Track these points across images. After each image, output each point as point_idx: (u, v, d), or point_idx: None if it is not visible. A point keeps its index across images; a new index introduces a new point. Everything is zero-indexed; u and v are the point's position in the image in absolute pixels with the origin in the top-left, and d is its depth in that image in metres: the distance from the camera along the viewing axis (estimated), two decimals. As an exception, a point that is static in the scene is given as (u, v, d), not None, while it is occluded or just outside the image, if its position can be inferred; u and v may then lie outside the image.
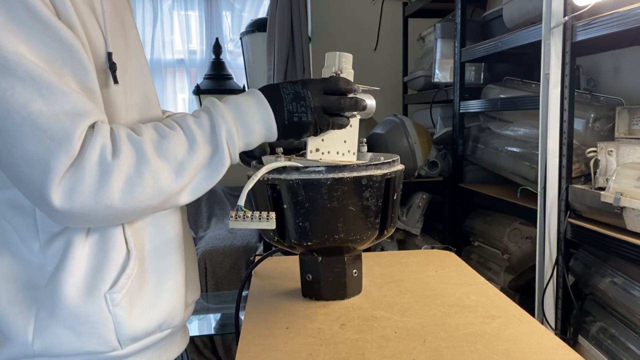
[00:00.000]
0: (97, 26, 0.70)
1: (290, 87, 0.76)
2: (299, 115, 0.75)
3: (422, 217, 2.36)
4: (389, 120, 2.30)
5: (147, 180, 0.66)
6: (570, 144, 1.42)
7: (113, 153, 0.64)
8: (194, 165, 0.70)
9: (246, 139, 0.74)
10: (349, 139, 0.89)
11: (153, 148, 0.67)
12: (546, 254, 1.48)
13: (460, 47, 2.11)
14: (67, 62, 0.63)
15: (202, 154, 0.70)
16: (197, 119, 0.72)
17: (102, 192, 0.63)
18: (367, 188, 0.82)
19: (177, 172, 0.68)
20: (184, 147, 0.69)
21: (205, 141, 0.71)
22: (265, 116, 0.75)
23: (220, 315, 2.26)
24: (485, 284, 1.02)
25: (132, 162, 0.65)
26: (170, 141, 0.69)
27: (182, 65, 3.42)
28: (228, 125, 0.72)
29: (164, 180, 0.67)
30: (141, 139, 0.67)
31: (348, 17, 3.14)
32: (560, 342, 0.77)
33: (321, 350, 0.75)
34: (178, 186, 0.69)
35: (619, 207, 1.21)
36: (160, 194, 0.67)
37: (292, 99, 0.75)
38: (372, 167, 0.83)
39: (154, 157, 0.67)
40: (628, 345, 1.29)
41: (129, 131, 0.68)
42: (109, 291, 0.71)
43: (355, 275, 0.95)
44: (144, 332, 0.75)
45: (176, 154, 0.69)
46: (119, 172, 0.64)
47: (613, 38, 1.34)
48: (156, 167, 0.67)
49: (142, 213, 0.69)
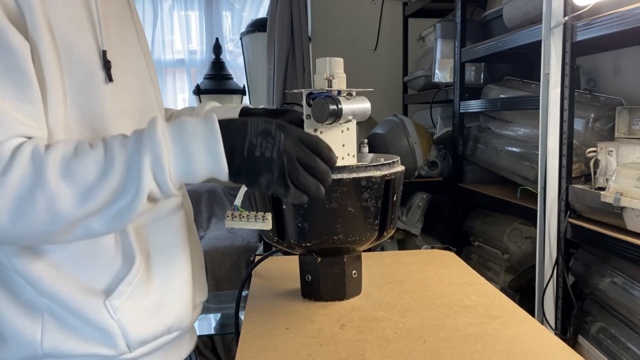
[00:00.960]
0: (89, 25, 0.68)
1: (261, 123, 0.65)
2: (262, 150, 0.63)
3: (422, 217, 2.36)
4: (389, 120, 2.30)
5: (40, 203, 0.59)
6: (570, 144, 1.42)
7: (2, 171, 0.58)
8: (106, 191, 0.60)
9: (183, 166, 0.62)
10: (347, 142, 0.89)
11: (58, 168, 0.60)
12: (546, 254, 1.48)
13: (460, 47, 2.11)
14: (9, 71, 0.60)
15: (118, 178, 0.60)
16: (125, 138, 0.63)
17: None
18: (367, 189, 0.82)
19: (82, 197, 0.60)
20: (97, 169, 0.60)
21: (124, 164, 0.61)
22: (211, 141, 0.62)
23: (220, 315, 2.26)
24: (485, 284, 1.02)
25: (26, 181, 0.59)
26: (82, 161, 0.61)
27: (182, 65, 3.42)
28: (158, 147, 0.61)
29: (63, 205, 0.59)
30: (46, 156, 0.60)
31: (348, 17, 3.14)
32: (560, 342, 0.77)
33: (321, 350, 0.75)
34: (83, 213, 0.60)
35: (619, 207, 1.21)
36: (58, 219, 0.60)
37: (259, 133, 0.64)
38: (371, 168, 0.83)
39: (55, 179, 0.59)
40: (628, 345, 1.29)
41: (36, 147, 0.61)
42: (107, 299, 0.70)
43: (354, 276, 0.95)
44: (152, 336, 0.75)
45: (85, 177, 0.60)
46: (5, 192, 0.58)
47: (613, 38, 1.34)
48: (54, 189, 0.59)
49: (42, 237, 0.62)
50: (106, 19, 0.71)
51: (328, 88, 0.83)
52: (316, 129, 0.86)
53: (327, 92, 0.83)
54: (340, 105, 0.80)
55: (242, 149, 0.64)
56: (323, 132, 0.86)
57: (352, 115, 0.83)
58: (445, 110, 2.47)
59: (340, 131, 0.88)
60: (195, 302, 0.85)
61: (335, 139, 0.87)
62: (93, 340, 0.71)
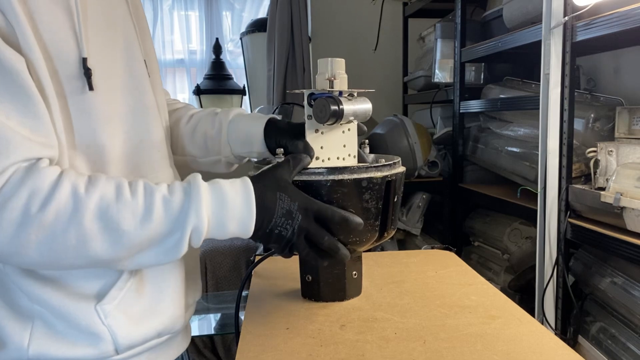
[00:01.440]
0: (70, 29, 0.66)
1: (286, 201, 0.72)
2: (279, 230, 0.72)
3: (422, 217, 2.36)
4: (389, 121, 2.30)
5: (70, 241, 0.62)
6: (570, 144, 1.42)
7: (41, 205, 0.61)
8: (138, 241, 0.65)
9: (215, 234, 0.69)
10: (348, 143, 0.89)
11: (96, 210, 0.63)
12: (546, 254, 1.48)
13: (460, 47, 2.11)
14: (9, 89, 0.60)
15: (153, 233, 0.65)
16: (168, 196, 0.67)
17: (16, 241, 0.60)
18: (367, 190, 0.81)
19: (113, 242, 0.64)
20: (134, 220, 0.64)
21: (163, 222, 0.65)
22: (246, 221, 0.70)
23: (220, 315, 2.26)
24: (485, 284, 1.02)
25: (62, 218, 0.61)
26: (121, 209, 0.64)
27: (182, 65, 3.42)
28: (200, 221, 0.66)
29: (93, 246, 0.63)
30: (86, 197, 0.63)
31: (348, 17, 3.14)
32: (560, 342, 0.77)
33: (321, 350, 0.75)
34: (112, 256, 0.65)
35: (619, 207, 1.21)
36: (85, 257, 0.64)
37: (284, 214, 0.71)
38: (372, 169, 0.82)
39: (91, 221, 0.62)
40: (628, 345, 1.29)
41: (77, 184, 0.63)
42: (99, 304, 0.70)
43: (355, 276, 0.94)
44: (142, 340, 0.75)
45: (120, 224, 0.64)
46: (39, 226, 0.60)
47: (613, 38, 1.34)
48: (88, 231, 0.62)
49: (68, 267, 0.66)
50: (89, 25, 0.69)
51: (329, 89, 0.83)
52: (317, 129, 0.86)
53: (328, 92, 0.83)
54: (341, 105, 0.80)
55: (266, 227, 0.72)
56: (324, 132, 0.86)
57: (354, 115, 0.83)
58: (445, 110, 2.47)
59: (341, 132, 0.88)
60: (188, 301, 0.85)
61: (336, 139, 0.87)
62: (80, 345, 0.70)
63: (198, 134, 0.95)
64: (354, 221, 0.77)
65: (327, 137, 0.86)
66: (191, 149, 0.96)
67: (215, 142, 0.94)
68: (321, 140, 0.86)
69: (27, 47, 0.62)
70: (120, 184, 0.66)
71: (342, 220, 0.76)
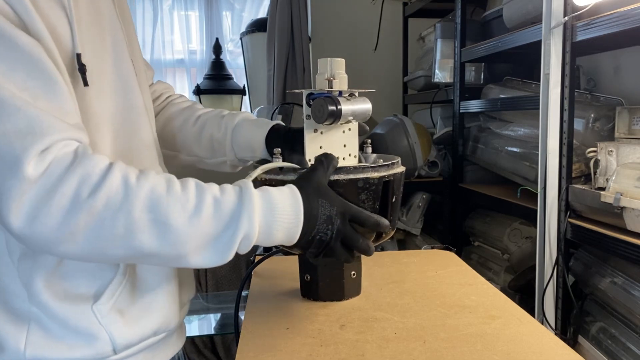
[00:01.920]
0: (68, 26, 0.66)
1: (327, 207, 0.72)
2: (320, 236, 0.72)
3: (422, 217, 2.35)
4: (389, 120, 2.30)
5: (118, 230, 0.61)
6: (570, 144, 1.42)
7: (92, 191, 0.60)
8: (186, 238, 0.64)
9: (261, 241, 0.69)
10: (348, 143, 0.89)
11: (146, 201, 0.62)
12: (546, 254, 1.48)
13: (460, 47, 2.11)
14: (31, 73, 0.60)
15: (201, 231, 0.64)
16: (219, 196, 0.66)
17: (65, 228, 0.59)
18: (364, 190, 0.81)
19: (160, 235, 0.63)
20: (184, 215, 0.63)
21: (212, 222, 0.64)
22: (292, 230, 0.70)
23: (220, 315, 2.26)
24: (485, 284, 1.02)
25: (112, 206, 0.60)
26: (171, 202, 0.63)
27: (182, 65, 3.42)
28: (251, 227, 0.66)
29: (139, 237, 0.62)
30: (137, 187, 0.62)
31: (348, 17, 3.14)
32: (560, 342, 0.77)
33: (321, 350, 0.75)
34: (157, 250, 0.63)
35: (619, 207, 1.21)
36: (131, 248, 0.62)
37: (325, 220, 0.72)
38: (369, 169, 0.82)
39: (141, 211, 0.61)
40: (628, 345, 1.29)
41: (128, 174, 0.63)
42: (95, 304, 0.70)
43: (353, 276, 0.94)
44: (139, 339, 0.75)
45: (169, 218, 0.63)
46: (89, 213, 0.59)
47: (613, 38, 1.34)
48: (137, 221, 0.61)
49: (116, 258, 0.65)
50: (80, 20, 0.69)
51: (329, 89, 0.83)
52: (316, 129, 0.85)
53: (327, 92, 0.83)
54: (339, 106, 0.80)
55: (309, 234, 0.72)
56: (324, 132, 0.86)
57: (352, 116, 0.83)
58: (445, 110, 2.47)
59: (341, 132, 0.88)
60: (182, 300, 0.85)
61: (336, 139, 0.87)
62: (78, 346, 0.70)
63: (205, 136, 0.96)
64: (384, 224, 0.78)
65: (326, 137, 0.86)
66: (198, 150, 0.97)
67: (221, 145, 0.96)
68: (320, 140, 0.86)
69: (40, 35, 0.62)
70: (170, 179, 0.66)
71: (375, 224, 0.76)
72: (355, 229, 0.75)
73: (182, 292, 0.85)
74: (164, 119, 1.00)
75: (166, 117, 1.00)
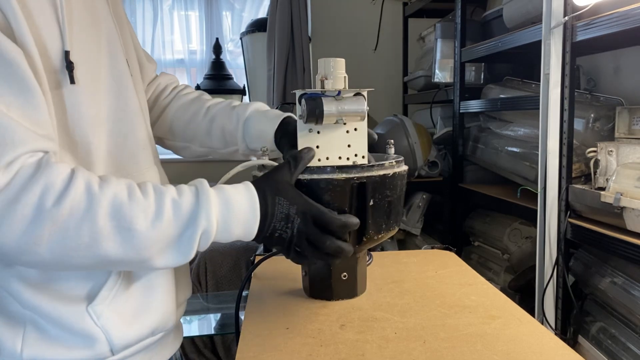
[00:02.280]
0: (56, 24, 0.66)
1: (284, 205, 0.72)
2: (280, 233, 0.73)
3: (422, 217, 2.36)
4: (389, 120, 2.30)
5: (83, 239, 0.61)
6: (570, 144, 1.42)
7: (56, 200, 0.60)
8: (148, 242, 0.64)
9: (220, 238, 0.70)
10: (354, 143, 0.86)
11: (109, 208, 0.62)
12: (546, 254, 1.48)
13: (460, 47, 2.11)
14: (8, 80, 0.59)
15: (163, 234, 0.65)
16: (177, 199, 0.67)
17: (28, 238, 0.59)
18: (327, 192, 0.78)
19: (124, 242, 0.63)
20: (146, 220, 0.64)
21: (173, 225, 0.65)
22: (249, 225, 0.71)
23: (220, 315, 2.26)
24: (485, 284, 1.02)
25: (76, 215, 0.60)
26: (134, 208, 0.64)
27: (182, 65, 3.42)
28: (209, 224, 0.67)
29: (104, 245, 0.62)
30: (100, 194, 0.62)
31: (348, 17, 3.14)
32: (560, 342, 0.77)
33: (321, 350, 0.75)
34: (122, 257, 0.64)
35: (619, 207, 1.21)
36: (96, 256, 0.63)
37: (282, 218, 0.72)
38: (336, 170, 0.79)
39: (105, 219, 0.62)
40: (628, 345, 1.29)
41: (91, 181, 0.63)
42: (90, 305, 0.70)
43: (344, 278, 0.93)
44: (136, 339, 0.75)
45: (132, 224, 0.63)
46: (53, 222, 0.59)
47: (613, 38, 1.34)
48: (101, 228, 0.62)
49: (79, 267, 0.65)
50: (74, 21, 0.69)
51: (321, 88, 0.83)
52: (311, 129, 0.85)
53: (320, 92, 0.82)
54: (322, 106, 0.79)
55: (267, 231, 0.73)
56: (321, 131, 0.85)
57: (340, 115, 0.82)
58: (445, 110, 2.47)
59: (344, 131, 0.87)
60: (178, 300, 0.85)
61: (337, 139, 0.86)
62: (75, 347, 0.70)
63: (216, 128, 0.97)
64: (352, 223, 0.76)
65: (324, 136, 0.85)
66: (209, 141, 0.98)
67: (232, 137, 0.97)
68: (317, 140, 0.85)
69: (23, 41, 0.61)
70: (131, 185, 0.66)
71: (342, 226, 0.75)
72: (323, 229, 0.74)
73: (179, 292, 0.85)
74: (173, 111, 1.00)
75: (175, 110, 1.00)
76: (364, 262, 0.97)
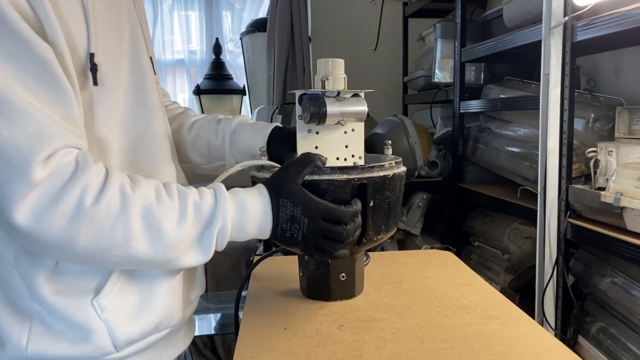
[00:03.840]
0: (84, 24, 0.67)
1: (288, 206, 0.74)
2: (290, 233, 0.75)
3: (422, 217, 2.35)
4: (389, 120, 2.30)
5: (117, 238, 0.64)
6: (570, 144, 1.42)
7: (95, 199, 0.62)
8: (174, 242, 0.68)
9: (236, 237, 0.74)
10: (352, 144, 0.87)
11: (141, 210, 0.65)
12: (546, 254, 1.48)
13: (460, 47, 2.10)
14: (41, 78, 0.61)
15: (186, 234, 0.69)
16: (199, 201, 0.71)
17: (66, 234, 0.62)
18: (328, 192, 0.78)
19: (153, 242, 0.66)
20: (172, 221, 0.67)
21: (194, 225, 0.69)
22: (263, 225, 0.74)
23: (220, 315, 2.26)
24: (484, 284, 1.02)
25: (112, 215, 0.63)
26: (162, 209, 0.67)
27: (182, 65, 3.42)
28: (225, 222, 0.71)
29: (135, 244, 0.65)
30: (133, 196, 0.65)
31: (348, 17, 3.14)
32: (558, 343, 0.77)
33: (319, 351, 0.75)
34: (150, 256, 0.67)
35: (619, 207, 1.21)
36: (127, 255, 0.66)
37: (288, 219, 0.74)
38: (337, 171, 0.79)
39: (137, 219, 0.65)
40: (628, 345, 1.29)
41: (124, 182, 0.66)
42: (95, 298, 0.71)
43: (343, 279, 0.93)
44: (140, 334, 0.74)
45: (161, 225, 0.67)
46: (91, 220, 0.62)
47: (613, 38, 1.33)
48: (133, 229, 0.65)
49: (109, 264, 0.68)
50: (98, 20, 0.70)
51: (321, 89, 0.83)
52: (310, 129, 0.85)
53: (320, 93, 0.82)
54: (324, 107, 0.79)
55: (276, 232, 0.75)
56: (320, 132, 0.85)
57: (342, 116, 0.82)
58: (445, 110, 2.46)
59: (342, 132, 0.87)
60: (190, 297, 0.85)
61: (335, 139, 0.86)
62: (78, 343, 0.70)
63: (201, 143, 0.98)
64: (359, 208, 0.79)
65: (323, 137, 0.85)
66: (194, 156, 0.99)
67: (219, 151, 0.97)
68: (316, 140, 0.85)
69: (55, 39, 0.63)
70: (158, 186, 0.69)
71: (353, 215, 0.77)
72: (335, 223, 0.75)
73: (190, 290, 0.85)
74: None
75: None
76: (362, 263, 0.97)
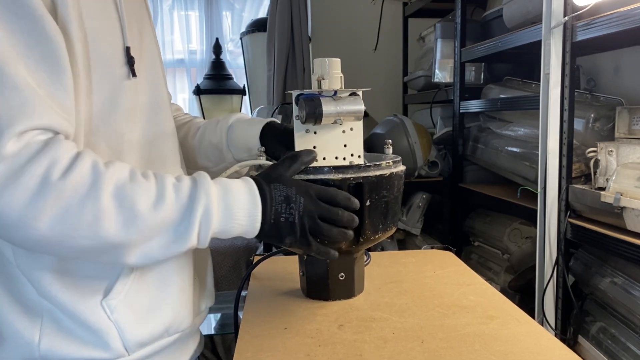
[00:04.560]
0: (117, 20, 0.69)
1: (281, 189, 0.71)
2: (286, 217, 0.71)
3: (422, 217, 2.35)
4: (389, 120, 2.30)
5: (86, 216, 0.60)
6: (570, 144, 1.42)
7: (62, 174, 0.59)
8: (151, 225, 0.63)
9: (224, 224, 0.68)
10: (350, 143, 0.87)
11: (113, 188, 0.62)
12: (546, 254, 1.48)
13: (460, 47, 2.10)
14: (45, 58, 0.61)
15: (165, 216, 0.64)
16: (177, 182, 0.67)
17: (29, 211, 0.58)
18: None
19: (126, 223, 0.62)
20: (148, 201, 0.63)
21: (174, 207, 0.65)
22: (252, 207, 0.69)
23: (220, 315, 2.26)
24: (484, 284, 1.02)
25: (80, 191, 0.60)
26: (136, 189, 0.63)
27: (182, 65, 3.42)
28: (209, 201, 0.66)
29: (106, 225, 0.61)
30: (106, 173, 0.62)
31: (348, 17, 3.14)
32: (558, 343, 0.77)
33: (319, 350, 0.75)
34: (122, 239, 0.62)
35: (619, 207, 1.21)
36: (96, 237, 0.61)
37: (282, 200, 0.71)
38: (331, 171, 0.79)
39: (108, 197, 0.61)
40: (628, 345, 1.29)
41: (97, 161, 0.63)
42: (104, 299, 0.70)
43: (341, 278, 0.93)
44: (150, 337, 0.74)
45: (135, 204, 0.62)
46: (57, 196, 0.59)
47: (613, 38, 1.34)
48: (105, 207, 0.61)
49: (73, 250, 0.62)
50: (129, 16, 0.72)
51: (318, 89, 0.83)
52: (308, 129, 0.85)
53: (317, 93, 0.82)
54: (320, 107, 0.79)
55: (271, 217, 0.70)
56: (317, 132, 0.85)
57: (338, 116, 0.82)
58: (445, 110, 2.46)
59: (341, 131, 0.86)
60: (200, 307, 0.85)
61: (333, 139, 0.86)
62: (89, 344, 0.70)
63: (205, 145, 0.97)
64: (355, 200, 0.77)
65: (320, 136, 0.85)
66: (202, 160, 0.98)
67: (219, 150, 0.96)
68: (314, 140, 0.85)
69: (66, 26, 0.63)
70: (132, 168, 0.66)
71: (346, 197, 0.75)
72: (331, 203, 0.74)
73: (200, 299, 0.85)
74: None
75: None
76: (362, 262, 0.97)
